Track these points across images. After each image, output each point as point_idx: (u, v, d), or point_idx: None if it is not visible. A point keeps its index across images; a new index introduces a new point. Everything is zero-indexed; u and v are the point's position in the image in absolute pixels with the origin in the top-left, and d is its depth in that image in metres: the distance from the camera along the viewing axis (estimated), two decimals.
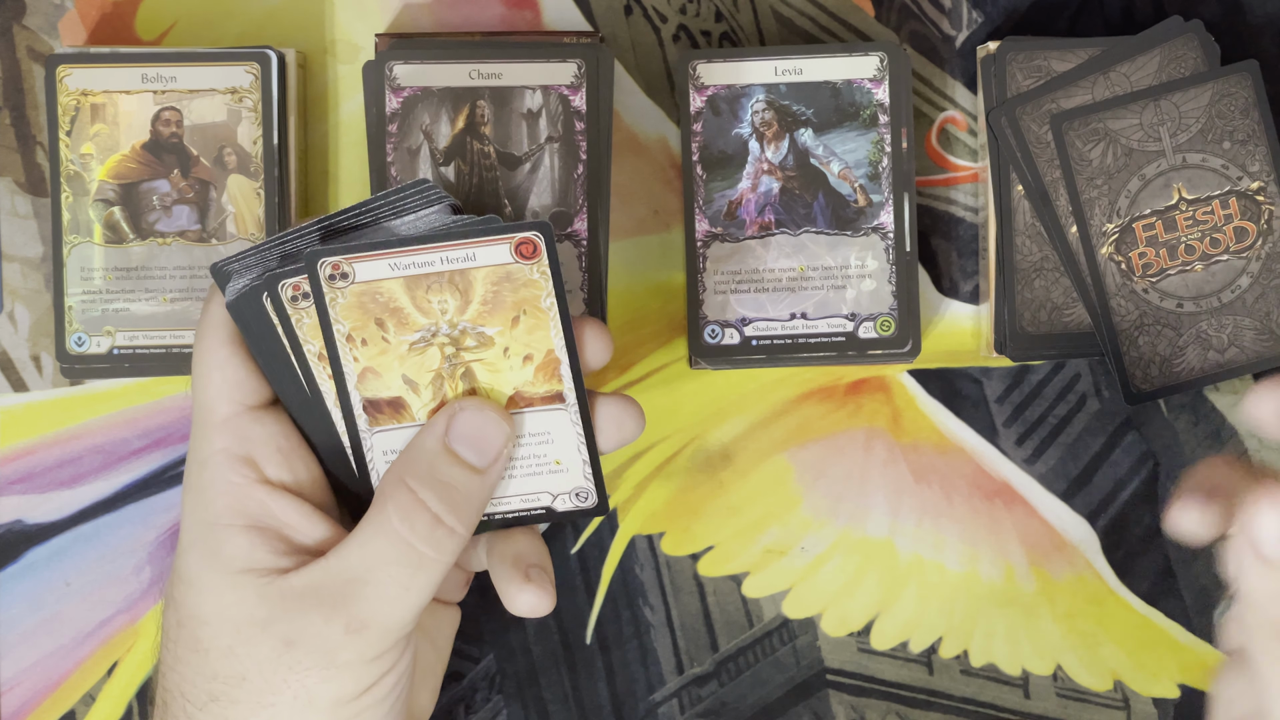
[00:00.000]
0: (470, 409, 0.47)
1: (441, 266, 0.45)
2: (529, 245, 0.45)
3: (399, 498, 0.45)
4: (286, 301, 0.46)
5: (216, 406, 0.47)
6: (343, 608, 0.45)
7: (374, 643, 0.45)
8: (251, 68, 0.55)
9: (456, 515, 0.46)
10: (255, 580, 0.45)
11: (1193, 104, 0.55)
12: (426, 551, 0.45)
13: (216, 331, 0.47)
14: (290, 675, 0.45)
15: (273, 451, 0.47)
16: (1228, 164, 0.55)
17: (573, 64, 0.54)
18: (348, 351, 0.46)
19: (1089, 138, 0.55)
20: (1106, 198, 0.55)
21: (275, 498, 0.46)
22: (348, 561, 0.45)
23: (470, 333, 0.46)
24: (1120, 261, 0.55)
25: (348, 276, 0.46)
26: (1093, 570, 0.58)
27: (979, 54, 0.56)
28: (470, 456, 0.46)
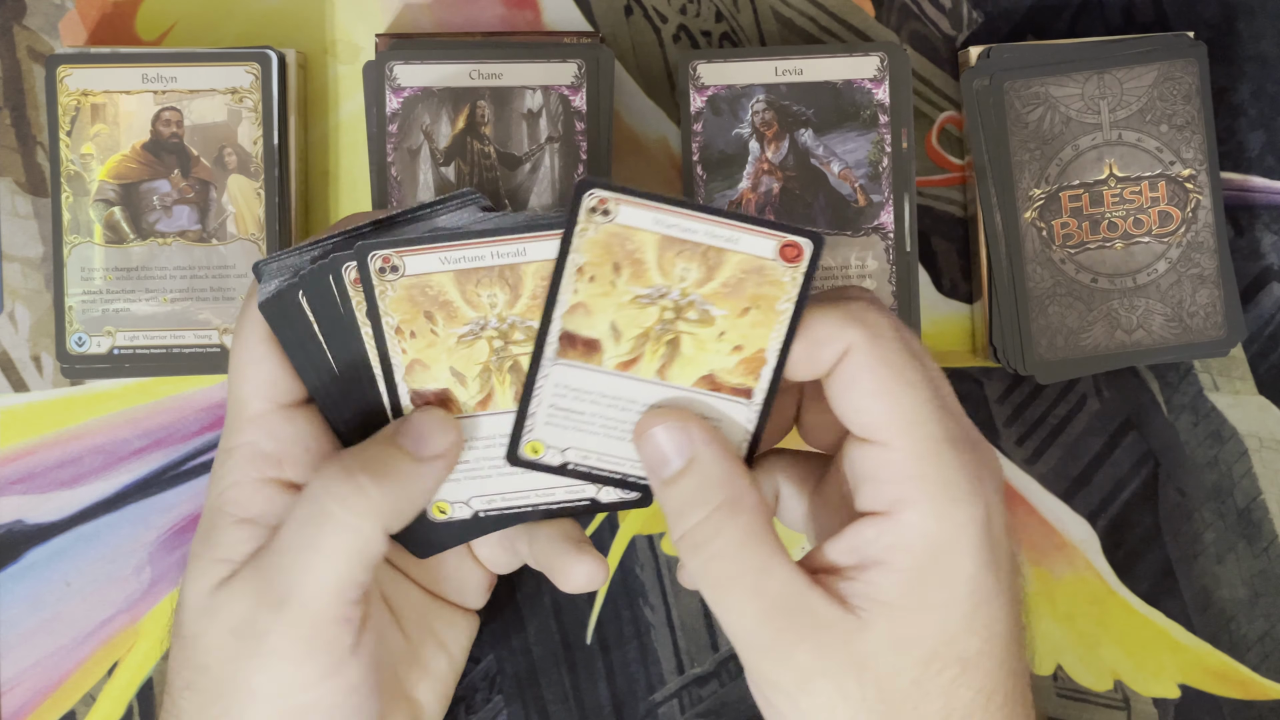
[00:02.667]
0: (421, 412, 0.46)
1: (702, 239, 0.45)
2: (794, 249, 0.45)
3: (326, 469, 0.45)
4: (374, 272, 0.46)
5: (251, 401, 0.47)
6: (267, 586, 0.44)
7: (297, 623, 0.43)
8: (252, 68, 0.55)
9: (373, 477, 0.44)
10: (220, 567, 0.45)
11: (1136, 82, 0.55)
12: (334, 508, 0.44)
13: (256, 328, 0.47)
14: (235, 666, 0.44)
15: (300, 451, 0.47)
16: (1162, 147, 0.55)
17: (573, 64, 0.54)
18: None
19: (1029, 100, 0.55)
20: (1038, 162, 0.55)
21: (284, 496, 0.46)
22: (276, 540, 0.44)
23: (697, 306, 0.46)
24: (1042, 228, 0.55)
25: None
26: (1093, 570, 0.58)
27: (960, 60, 0.56)
28: (407, 444, 0.46)
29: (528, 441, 0.47)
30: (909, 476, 0.43)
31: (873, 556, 0.43)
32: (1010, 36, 0.58)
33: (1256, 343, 0.58)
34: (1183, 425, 0.58)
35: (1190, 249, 0.55)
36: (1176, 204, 0.55)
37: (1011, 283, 0.55)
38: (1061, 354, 0.55)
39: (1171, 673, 0.58)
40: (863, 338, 0.43)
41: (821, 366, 0.44)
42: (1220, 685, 0.58)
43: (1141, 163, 0.55)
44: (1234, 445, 0.59)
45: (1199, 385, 0.59)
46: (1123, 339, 0.55)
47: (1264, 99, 0.59)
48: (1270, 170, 0.59)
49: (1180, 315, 0.55)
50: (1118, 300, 0.55)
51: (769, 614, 0.43)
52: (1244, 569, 0.58)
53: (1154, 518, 0.59)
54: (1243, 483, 0.58)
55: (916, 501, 0.43)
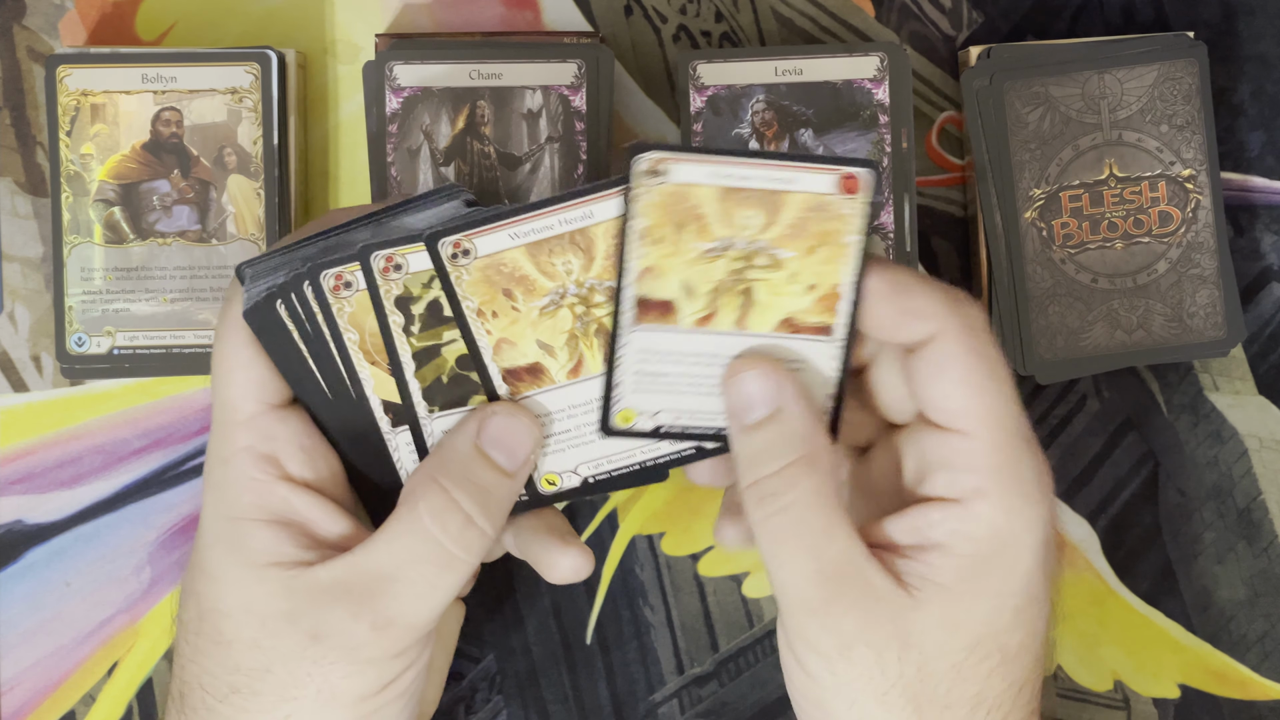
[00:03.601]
0: (502, 413, 0.47)
1: (761, 184, 0.45)
2: (853, 181, 0.45)
3: (431, 497, 0.45)
4: (329, 291, 0.46)
5: (241, 405, 0.47)
6: (369, 604, 0.45)
7: (398, 640, 0.45)
8: (251, 68, 0.55)
9: (488, 517, 0.46)
10: (281, 573, 0.46)
11: (1136, 82, 0.55)
12: (457, 552, 0.45)
13: (238, 332, 0.47)
14: (315, 669, 0.45)
15: (296, 450, 0.47)
16: (1162, 147, 0.55)
17: (573, 64, 0.54)
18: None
19: (1029, 100, 0.55)
20: (1038, 162, 0.55)
21: (298, 494, 0.47)
22: (376, 558, 0.45)
23: (765, 252, 0.46)
24: (1042, 228, 0.55)
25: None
26: (1093, 570, 0.58)
27: (960, 60, 0.56)
28: (501, 459, 0.46)
29: (618, 411, 0.47)
30: (988, 468, 0.44)
31: (935, 540, 0.44)
32: (1010, 36, 0.58)
33: (1256, 343, 0.58)
34: (1183, 425, 0.58)
35: (1190, 249, 0.55)
36: (1176, 204, 0.55)
37: (1011, 283, 0.55)
38: (1061, 354, 0.55)
39: (1171, 673, 0.58)
40: (959, 326, 0.44)
41: (905, 334, 0.45)
42: (1220, 685, 0.58)
43: (1141, 163, 0.55)
44: (1234, 445, 0.59)
45: (1199, 385, 0.59)
46: (1123, 339, 0.55)
47: (1264, 99, 0.59)
48: (1270, 170, 0.59)
49: (1180, 315, 0.55)
50: (1118, 300, 0.55)
51: (824, 576, 0.43)
52: (1244, 569, 0.58)
53: (1154, 518, 0.59)
54: (1243, 483, 0.58)
55: (990, 494, 0.44)
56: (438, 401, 0.47)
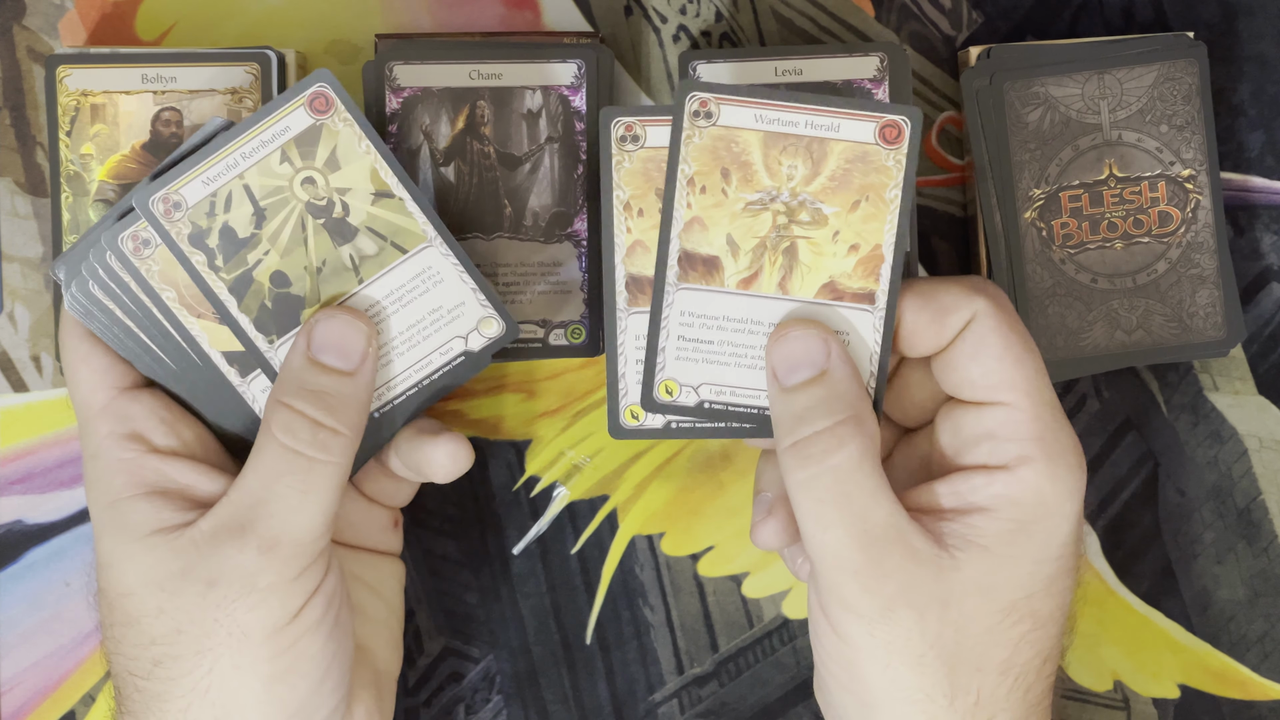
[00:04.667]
0: (325, 318, 0.48)
1: (804, 130, 0.45)
2: (894, 129, 0.45)
3: (278, 415, 0.47)
4: (130, 254, 0.47)
5: (92, 398, 0.49)
6: (251, 531, 0.46)
7: (289, 559, 0.46)
8: (251, 68, 0.55)
9: (335, 416, 0.47)
10: (165, 537, 0.47)
11: (1136, 82, 0.55)
12: (314, 454, 0.46)
13: (72, 329, 0.49)
14: (219, 613, 0.46)
15: (156, 423, 0.49)
16: (1162, 147, 0.55)
17: (573, 64, 0.54)
18: (684, 195, 0.46)
19: (1029, 100, 0.55)
20: (1038, 162, 0.55)
21: (169, 463, 0.48)
22: (245, 488, 0.47)
23: (808, 206, 0.45)
24: (1042, 228, 0.55)
25: (711, 116, 0.45)
26: (1093, 570, 0.58)
27: (960, 60, 0.56)
28: (336, 362, 0.48)
29: (661, 382, 0.47)
30: (1031, 436, 0.45)
31: (978, 503, 0.45)
32: (1010, 36, 0.58)
33: (1256, 343, 0.58)
34: (1182, 425, 0.58)
35: (1190, 249, 0.55)
36: (1176, 204, 0.55)
37: (1011, 283, 0.55)
38: (1061, 354, 0.55)
39: (1171, 673, 0.58)
40: (989, 305, 0.46)
41: (946, 335, 0.46)
42: (1220, 685, 0.58)
43: (1141, 163, 0.55)
44: (1234, 445, 0.59)
45: (1199, 385, 0.59)
46: (1123, 339, 0.55)
47: (1264, 99, 0.59)
48: (1270, 170, 0.59)
49: (1180, 315, 0.55)
50: (1118, 300, 0.55)
51: (869, 539, 0.44)
52: (1244, 569, 0.58)
53: (1154, 518, 0.59)
54: (1242, 483, 0.58)
55: (1035, 460, 0.45)
56: (273, 329, 0.48)
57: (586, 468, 0.58)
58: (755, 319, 0.46)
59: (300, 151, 0.47)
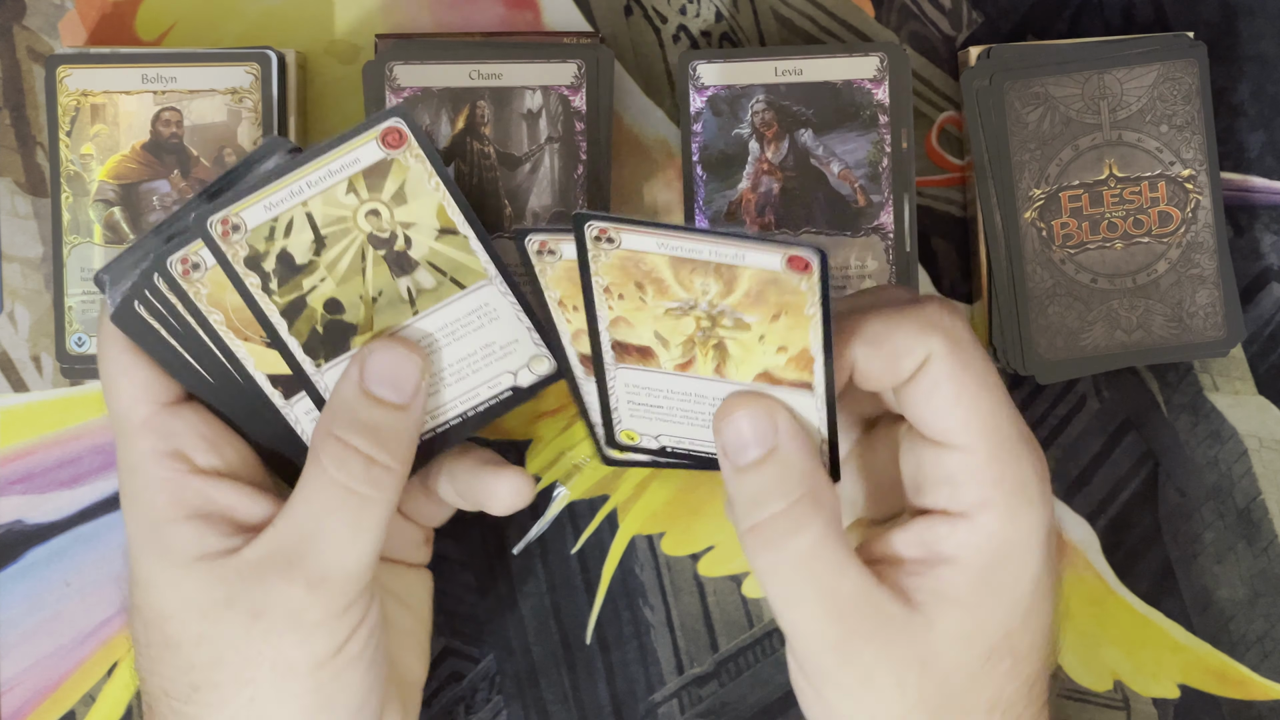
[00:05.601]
0: (379, 349, 0.47)
1: (709, 257, 0.45)
2: (800, 261, 0.44)
3: (329, 448, 0.46)
4: (179, 277, 0.46)
5: (133, 411, 0.47)
6: (300, 566, 0.45)
7: (337, 594, 0.46)
8: (251, 68, 0.55)
9: (388, 452, 0.46)
10: (210, 564, 0.46)
11: (1136, 82, 0.55)
12: (366, 491, 0.46)
13: (114, 340, 0.48)
14: (264, 646, 0.45)
15: (198, 440, 0.47)
16: (1162, 147, 0.55)
17: (573, 64, 0.54)
18: (604, 300, 0.45)
19: (1029, 100, 0.55)
20: (1038, 162, 0.55)
21: (211, 484, 0.47)
22: (294, 521, 0.46)
23: (729, 315, 0.45)
24: (1042, 228, 0.55)
25: (614, 241, 0.45)
26: (1093, 570, 0.58)
27: (960, 60, 0.56)
28: (389, 395, 0.47)
29: (622, 430, 0.47)
30: (988, 480, 0.44)
31: (943, 554, 0.44)
32: (1010, 36, 0.58)
33: (1256, 343, 0.58)
34: (1182, 425, 0.58)
35: (1190, 249, 0.55)
36: (1176, 204, 0.55)
37: (1011, 283, 0.55)
38: (1061, 354, 0.55)
39: (1171, 673, 0.58)
40: (944, 345, 0.44)
41: (902, 375, 0.44)
42: (1220, 685, 0.58)
43: (1141, 163, 0.55)
44: (1234, 445, 0.59)
45: (1199, 385, 0.59)
46: (1123, 339, 0.55)
47: (1264, 99, 0.59)
48: (1270, 170, 0.59)
49: (1180, 315, 0.55)
50: (1118, 300, 0.55)
51: (840, 612, 0.43)
52: (1244, 569, 0.58)
53: (1154, 518, 0.59)
54: (1242, 483, 0.58)
55: (995, 504, 0.44)
56: (320, 354, 0.48)
57: (586, 468, 0.58)
58: (699, 393, 0.46)
59: (368, 184, 0.47)
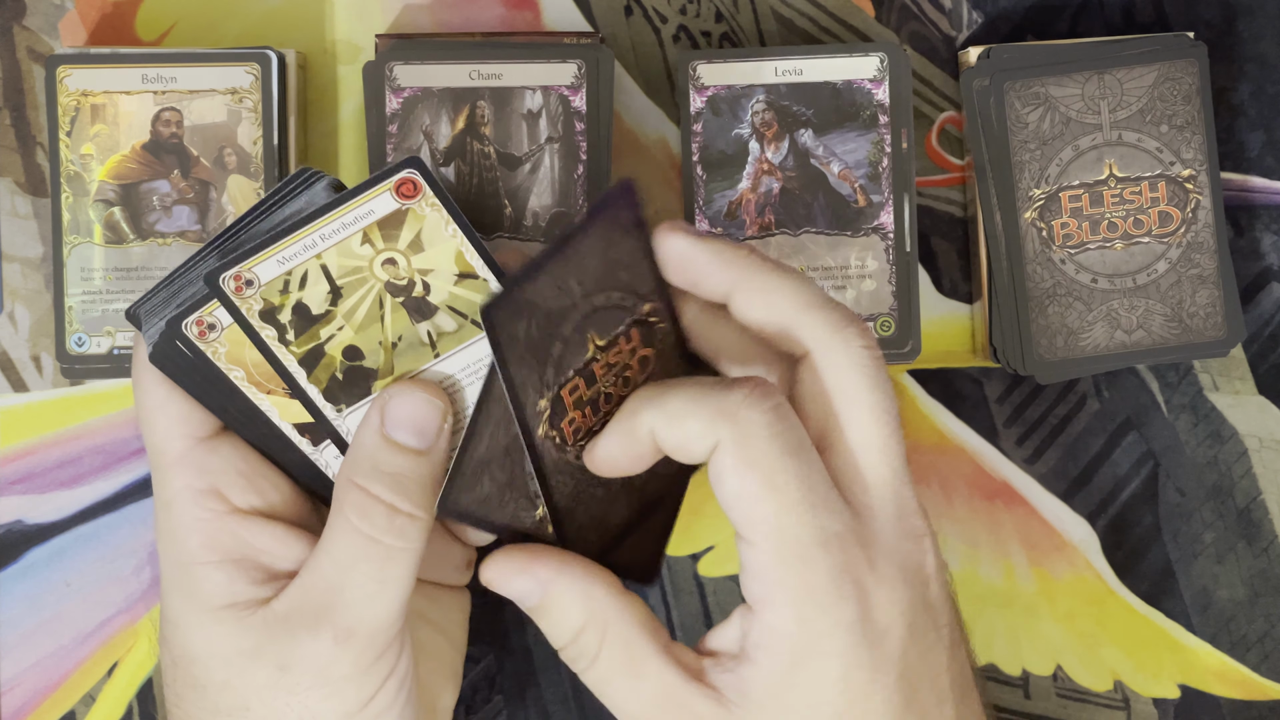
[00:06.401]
0: (399, 394, 0.46)
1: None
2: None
3: (351, 498, 0.45)
4: (195, 339, 0.46)
5: (168, 445, 0.47)
6: (326, 620, 0.45)
7: (365, 649, 0.45)
8: (252, 68, 0.55)
9: (411, 500, 0.45)
10: (238, 613, 0.45)
11: (1136, 82, 0.55)
12: (392, 542, 0.45)
13: (149, 374, 0.47)
14: (291, 698, 0.45)
15: (235, 477, 0.47)
16: (1162, 147, 0.55)
17: (573, 64, 0.54)
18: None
19: (1029, 100, 0.55)
20: (1038, 162, 0.55)
21: (247, 525, 0.46)
22: (320, 573, 0.45)
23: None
24: (1042, 228, 0.55)
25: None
26: (1093, 570, 0.58)
27: (960, 60, 0.56)
28: (411, 440, 0.46)
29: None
30: (772, 580, 0.42)
31: (745, 651, 0.43)
32: (1010, 37, 0.58)
33: (1256, 343, 0.58)
34: (1183, 425, 0.58)
35: (1190, 249, 0.55)
36: (1176, 204, 0.55)
37: (1011, 283, 0.55)
38: (1061, 354, 0.55)
39: (1171, 673, 0.58)
40: (730, 437, 0.42)
41: (696, 456, 0.43)
42: (1220, 685, 0.58)
43: (1141, 163, 0.55)
44: (1234, 445, 0.59)
45: (1199, 385, 0.59)
46: (1123, 339, 0.55)
47: (1264, 99, 0.59)
48: (1270, 170, 0.59)
49: (1180, 315, 0.55)
50: (1118, 300, 0.55)
51: (652, 711, 0.43)
52: (1244, 569, 0.58)
53: (1154, 518, 0.59)
54: (1243, 483, 0.59)
55: (777, 604, 0.42)
56: (341, 400, 0.47)
57: None
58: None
59: (383, 234, 0.46)
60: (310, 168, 0.48)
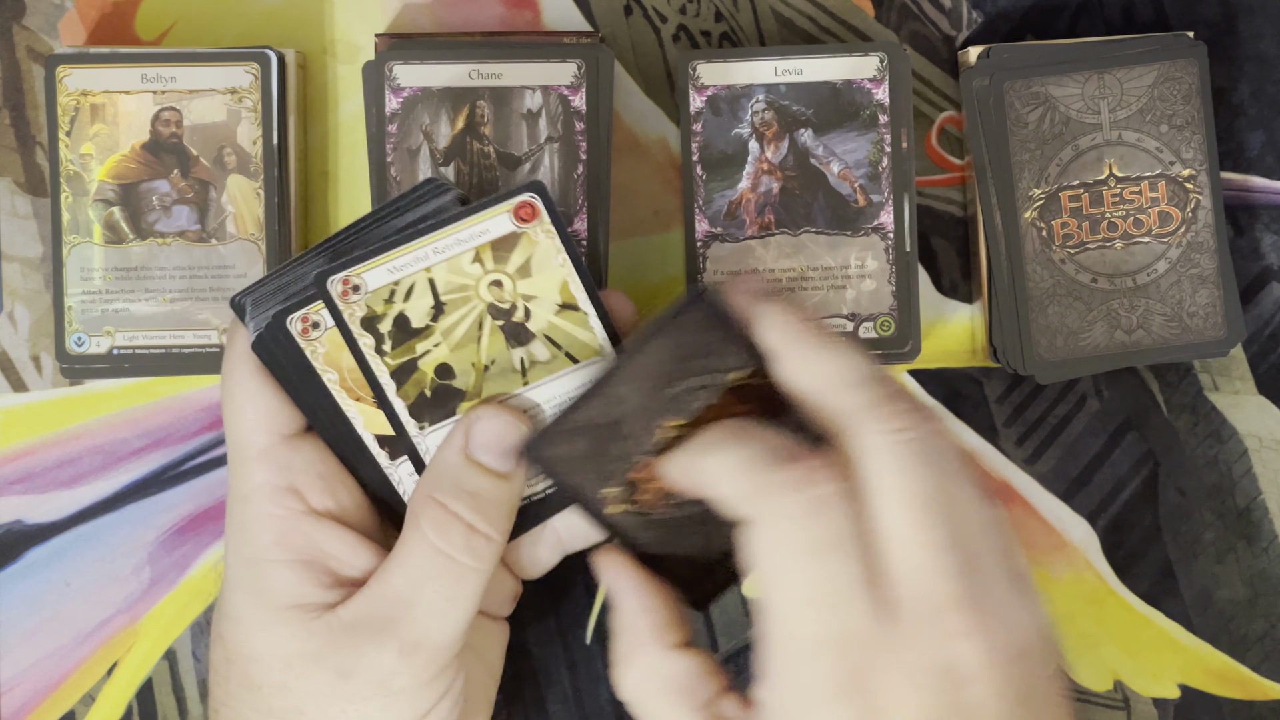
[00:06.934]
0: (486, 416, 0.46)
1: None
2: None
3: (430, 513, 0.45)
4: (297, 335, 0.46)
5: (253, 439, 0.47)
6: (392, 632, 0.45)
7: (428, 664, 0.45)
8: (251, 68, 0.55)
9: (489, 522, 0.46)
10: (303, 615, 0.45)
11: (1136, 82, 0.55)
12: (466, 561, 0.45)
13: (243, 364, 0.47)
14: (348, 706, 0.45)
15: (314, 479, 0.47)
16: (1162, 147, 0.55)
17: (573, 64, 0.54)
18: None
19: (1029, 100, 0.55)
20: (1038, 162, 0.55)
21: (320, 528, 0.46)
22: (391, 585, 0.45)
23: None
24: (1042, 228, 0.55)
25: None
26: (1093, 570, 0.58)
27: (959, 60, 0.56)
28: (493, 462, 0.46)
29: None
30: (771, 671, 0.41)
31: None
32: (1010, 36, 0.58)
33: (1256, 343, 0.58)
34: (1182, 425, 0.58)
35: (1190, 249, 0.55)
36: (1176, 204, 0.55)
37: (1011, 283, 0.55)
38: (1061, 354, 0.55)
39: (1171, 673, 0.58)
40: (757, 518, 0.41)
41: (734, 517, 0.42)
42: (1220, 685, 0.58)
43: (1141, 163, 0.55)
44: (1234, 445, 0.59)
45: (1199, 385, 0.59)
46: (1123, 339, 0.55)
47: (1264, 99, 0.59)
48: (1270, 170, 0.59)
49: (1180, 315, 0.55)
50: (1117, 301, 0.55)
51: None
52: (1244, 569, 0.58)
53: (1154, 518, 0.59)
54: (1242, 483, 0.59)
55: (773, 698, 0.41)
56: (426, 418, 0.47)
57: None
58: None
59: (495, 255, 0.47)
60: (437, 179, 0.49)
